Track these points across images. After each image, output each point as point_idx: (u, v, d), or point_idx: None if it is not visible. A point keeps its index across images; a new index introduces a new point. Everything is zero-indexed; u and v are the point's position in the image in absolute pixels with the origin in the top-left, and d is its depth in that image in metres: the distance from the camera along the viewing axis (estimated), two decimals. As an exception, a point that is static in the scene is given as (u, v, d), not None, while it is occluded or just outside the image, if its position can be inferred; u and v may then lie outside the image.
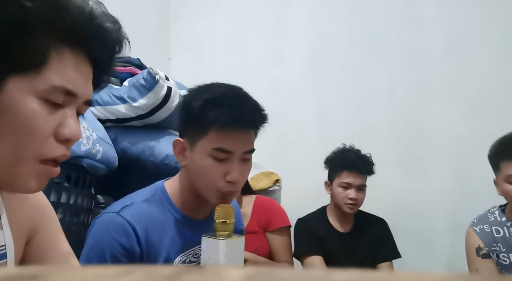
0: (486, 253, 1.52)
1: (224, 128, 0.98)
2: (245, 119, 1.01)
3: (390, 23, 2.36)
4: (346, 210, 1.82)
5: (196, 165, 1.01)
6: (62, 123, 0.57)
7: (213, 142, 0.98)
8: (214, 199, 1.01)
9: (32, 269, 0.21)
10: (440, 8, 2.29)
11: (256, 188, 2.08)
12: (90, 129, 1.32)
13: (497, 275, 0.26)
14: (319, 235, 1.84)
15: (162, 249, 1.01)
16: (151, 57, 2.16)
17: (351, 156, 1.84)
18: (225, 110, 0.99)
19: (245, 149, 1.02)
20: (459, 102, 2.22)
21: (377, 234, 1.88)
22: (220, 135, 0.98)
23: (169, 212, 1.04)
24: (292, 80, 2.50)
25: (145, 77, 1.47)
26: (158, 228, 1.01)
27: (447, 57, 2.26)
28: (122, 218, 0.97)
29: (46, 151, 0.56)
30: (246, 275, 0.20)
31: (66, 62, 0.56)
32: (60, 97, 0.56)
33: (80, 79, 0.58)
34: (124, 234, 0.96)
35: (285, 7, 2.57)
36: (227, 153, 0.99)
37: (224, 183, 0.99)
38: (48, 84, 0.54)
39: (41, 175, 0.57)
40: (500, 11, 2.20)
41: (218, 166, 0.99)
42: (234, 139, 0.99)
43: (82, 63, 0.59)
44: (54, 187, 1.23)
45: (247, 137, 1.02)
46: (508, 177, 1.43)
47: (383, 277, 0.20)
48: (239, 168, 1.00)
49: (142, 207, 1.02)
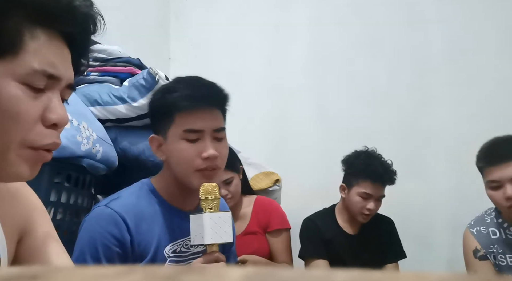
0: (483, 255, 1.52)
1: (186, 108, 1.02)
2: (204, 97, 1.05)
3: (391, 24, 2.36)
4: (360, 220, 1.76)
5: (172, 152, 1.04)
6: (48, 108, 0.56)
7: (181, 125, 1.03)
8: (196, 180, 1.03)
9: (32, 269, 0.21)
10: (440, 8, 2.29)
11: (256, 188, 2.08)
12: (90, 129, 1.32)
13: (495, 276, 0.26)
14: (326, 236, 1.78)
15: (153, 237, 1.03)
16: (151, 57, 2.16)
17: (377, 167, 1.72)
18: (183, 91, 1.04)
19: (213, 126, 1.05)
20: (459, 103, 2.22)
21: (384, 235, 1.85)
22: (185, 117, 1.03)
23: (156, 204, 1.07)
24: (293, 81, 2.50)
25: (145, 77, 1.47)
26: (147, 218, 1.04)
27: (447, 58, 2.26)
28: (111, 209, 1.00)
29: (35, 138, 0.55)
30: (245, 275, 0.20)
31: (42, 43, 0.55)
32: (42, 80, 0.54)
33: (59, 61, 0.57)
34: (113, 224, 0.99)
35: (286, 8, 2.57)
36: (197, 133, 1.03)
37: (201, 161, 1.02)
38: (27, 67, 0.53)
39: (32, 161, 0.56)
40: (500, 11, 2.20)
41: (192, 147, 1.02)
42: (199, 118, 1.03)
43: (58, 44, 0.57)
44: (54, 187, 1.23)
45: (212, 115, 1.06)
46: (489, 182, 1.45)
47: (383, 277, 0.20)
48: (212, 144, 1.03)
49: (130, 199, 1.05)
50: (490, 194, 1.45)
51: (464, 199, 2.10)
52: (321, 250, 1.77)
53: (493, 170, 1.43)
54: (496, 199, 1.44)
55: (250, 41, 2.61)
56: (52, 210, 1.22)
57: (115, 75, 1.60)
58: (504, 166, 1.41)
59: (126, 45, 1.78)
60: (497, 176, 1.42)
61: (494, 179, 1.43)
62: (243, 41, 2.62)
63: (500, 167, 1.41)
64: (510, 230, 1.51)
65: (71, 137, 1.20)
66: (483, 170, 1.47)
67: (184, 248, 1.08)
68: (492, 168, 1.43)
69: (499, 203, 1.44)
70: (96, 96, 1.51)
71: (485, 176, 1.46)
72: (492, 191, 1.44)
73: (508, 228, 1.52)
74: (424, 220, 2.20)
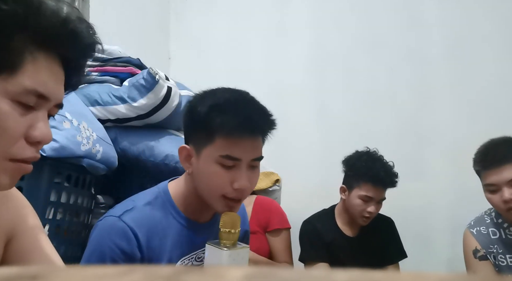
0: (483, 255, 1.52)
1: (231, 135, 0.95)
2: (252, 126, 0.98)
3: (391, 24, 2.36)
4: (360, 222, 1.74)
5: (203, 172, 0.98)
6: (33, 126, 0.58)
7: (220, 150, 0.95)
8: (220, 207, 0.98)
9: (32, 269, 0.21)
10: (440, 8, 2.29)
11: (256, 188, 2.08)
12: (90, 129, 1.32)
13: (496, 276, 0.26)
14: (326, 239, 1.77)
15: (164, 253, 0.99)
16: (151, 57, 2.16)
17: (379, 170, 1.69)
18: (232, 116, 0.96)
19: (253, 156, 0.99)
20: (459, 103, 2.22)
21: (385, 236, 1.83)
22: (227, 142, 0.95)
23: (171, 216, 1.02)
24: (293, 81, 2.50)
25: (145, 77, 1.47)
26: (160, 232, 1.00)
27: (447, 58, 2.26)
28: (123, 223, 0.96)
29: (16, 151, 0.57)
30: (246, 275, 0.20)
31: (40, 66, 0.57)
32: (32, 99, 0.57)
33: (52, 83, 0.59)
34: (124, 239, 0.95)
35: (286, 8, 2.57)
36: (235, 161, 0.96)
37: (231, 189, 0.97)
38: (20, 86, 0.55)
39: (12, 172, 0.58)
40: (501, 11, 2.20)
41: (225, 174, 0.96)
42: (241, 146, 0.96)
43: (55, 66, 0.60)
44: (54, 187, 1.23)
45: (254, 144, 0.99)
46: (486, 186, 1.45)
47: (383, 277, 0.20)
48: (246, 175, 0.97)
49: (144, 211, 1.00)
50: (488, 197, 1.45)
51: (464, 199, 2.10)
52: (321, 253, 1.75)
53: (490, 174, 1.43)
54: (494, 202, 1.44)
55: (250, 41, 2.61)
56: (52, 210, 1.23)
57: (115, 75, 1.60)
58: (500, 170, 1.40)
59: (126, 45, 1.78)
60: (494, 179, 1.42)
61: (491, 183, 1.43)
62: (243, 41, 2.62)
63: (496, 171, 1.41)
64: (510, 230, 1.52)
65: (71, 137, 1.20)
66: (480, 173, 1.48)
67: (196, 261, 1.05)
68: (489, 172, 1.43)
69: (498, 206, 1.44)
70: (96, 96, 1.51)
71: (483, 179, 1.47)
72: (490, 194, 1.44)
73: (508, 228, 1.52)
74: (424, 220, 2.20)
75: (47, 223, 1.21)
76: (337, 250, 1.77)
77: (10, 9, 0.53)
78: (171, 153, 1.50)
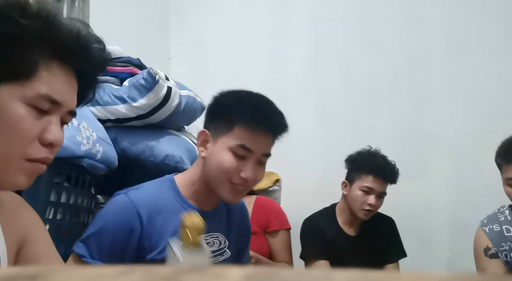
0: (494, 253, 1.52)
1: (250, 126, 1.04)
2: (270, 123, 1.08)
3: (391, 24, 2.36)
4: (361, 216, 1.75)
5: (216, 157, 1.06)
6: (47, 129, 0.63)
7: (237, 138, 1.04)
8: (225, 191, 1.06)
9: (32, 269, 0.21)
10: (440, 8, 2.29)
11: (256, 188, 2.08)
12: (90, 129, 1.32)
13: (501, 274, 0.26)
14: (327, 237, 1.78)
15: (165, 233, 1.04)
16: (151, 57, 2.16)
17: (379, 161, 1.75)
18: (254, 110, 1.07)
19: (264, 151, 1.08)
20: (459, 102, 2.22)
21: (385, 236, 1.84)
22: (245, 133, 1.04)
23: (175, 201, 1.09)
24: (293, 80, 2.50)
25: (145, 77, 1.47)
26: (162, 213, 1.06)
27: (447, 57, 2.26)
28: (128, 199, 1.04)
29: (32, 152, 0.62)
30: (246, 275, 0.20)
31: (54, 74, 0.63)
32: (46, 104, 0.63)
33: (65, 90, 0.65)
34: (126, 213, 1.02)
35: (285, 7, 2.57)
36: (247, 151, 1.04)
37: (238, 177, 1.04)
38: (35, 92, 0.61)
39: (29, 172, 0.63)
40: (500, 11, 2.20)
41: (236, 162, 1.04)
42: (257, 139, 1.05)
43: (68, 76, 0.66)
44: (54, 187, 1.23)
45: (268, 140, 1.09)
46: (507, 179, 1.45)
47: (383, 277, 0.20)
48: (254, 168, 1.06)
49: (149, 192, 1.08)
50: (508, 191, 1.45)
51: (464, 199, 2.10)
52: (322, 251, 1.76)
53: (511, 168, 1.43)
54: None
55: (250, 41, 2.61)
56: (52, 210, 1.22)
57: (115, 75, 1.60)
58: None
59: (126, 45, 1.78)
60: None
61: (511, 177, 1.43)
62: (243, 41, 2.62)
63: None
64: None
65: (71, 137, 1.20)
66: (502, 167, 1.47)
67: None
68: (510, 166, 1.43)
69: None
70: (96, 96, 1.50)
71: (504, 173, 1.46)
72: (510, 188, 1.44)
73: None
74: (424, 220, 2.20)
75: (47, 223, 1.21)
76: (337, 249, 1.78)
77: (29, 24, 0.60)
78: (171, 153, 1.50)
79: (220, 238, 1.16)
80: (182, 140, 1.57)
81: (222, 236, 1.17)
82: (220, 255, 1.16)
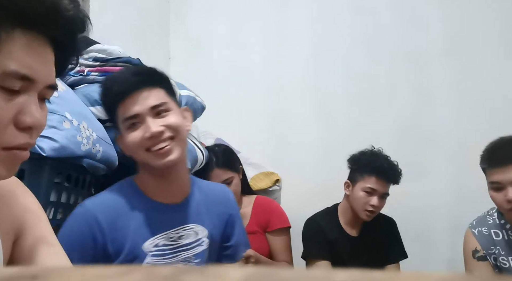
0: (482, 256, 1.52)
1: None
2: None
3: (391, 24, 2.36)
4: (363, 216, 1.75)
5: (125, 141, 1.10)
6: (22, 110, 0.54)
7: (122, 113, 1.09)
8: (151, 159, 1.06)
9: (32, 269, 0.21)
10: (440, 8, 2.29)
11: (256, 188, 2.08)
12: (90, 129, 1.32)
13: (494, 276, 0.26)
14: (329, 238, 1.78)
15: (128, 234, 1.04)
16: (151, 57, 2.15)
17: (383, 163, 1.75)
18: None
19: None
20: (459, 102, 2.22)
21: (386, 236, 1.84)
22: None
23: (136, 199, 1.09)
24: (292, 80, 2.49)
25: (145, 77, 1.47)
26: (123, 214, 1.06)
27: (447, 57, 2.26)
28: (85, 208, 1.04)
29: (7, 139, 0.54)
30: (245, 275, 0.20)
31: (18, 45, 0.53)
32: (16, 83, 0.53)
33: (36, 63, 0.55)
34: (84, 223, 1.02)
35: (285, 7, 2.57)
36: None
37: (146, 141, 1.06)
38: (0, 69, 0.51)
39: (8, 161, 0.55)
40: (500, 11, 2.20)
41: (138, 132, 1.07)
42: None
43: (38, 45, 0.55)
44: (54, 187, 1.23)
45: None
46: (491, 183, 1.45)
47: (383, 277, 0.20)
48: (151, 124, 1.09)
49: (107, 196, 1.08)
50: (492, 195, 1.45)
51: (464, 199, 2.10)
52: (323, 251, 1.76)
53: (496, 172, 1.42)
54: (497, 200, 1.44)
55: (250, 41, 2.61)
56: (52, 210, 1.22)
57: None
58: (507, 169, 1.40)
59: (126, 45, 1.78)
60: (499, 178, 1.41)
61: (496, 181, 1.42)
62: (243, 41, 2.62)
63: (502, 169, 1.40)
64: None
65: (71, 137, 1.20)
66: (486, 171, 1.47)
67: (169, 241, 1.09)
68: (495, 170, 1.42)
69: (501, 205, 1.44)
70: (96, 96, 1.50)
71: (488, 177, 1.46)
72: (494, 193, 1.44)
73: (510, 229, 1.51)
74: (424, 220, 2.20)
75: (47, 223, 1.21)
76: (339, 249, 1.78)
77: None
78: (171, 153, 1.50)
79: (195, 228, 1.14)
80: (182, 140, 1.57)
81: (198, 226, 1.15)
82: (198, 246, 1.15)
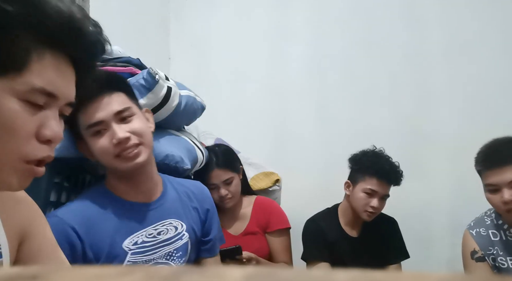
0: (480, 257, 1.52)
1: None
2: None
3: (391, 24, 2.36)
4: (364, 217, 1.74)
5: (92, 148, 1.08)
6: (44, 124, 0.58)
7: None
8: (119, 164, 1.06)
9: (32, 269, 0.21)
10: (440, 8, 2.29)
11: (256, 188, 2.08)
12: (90, 129, 1.32)
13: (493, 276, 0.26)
14: (329, 239, 1.77)
15: (106, 236, 1.05)
16: (151, 57, 2.16)
17: (384, 164, 1.73)
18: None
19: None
20: (459, 102, 2.22)
21: (387, 236, 1.83)
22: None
23: (108, 202, 1.10)
24: (292, 80, 2.50)
25: (145, 77, 1.47)
26: (98, 218, 1.07)
27: (447, 57, 2.26)
28: (57, 217, 1.03)
29: (29, 151, 0.57)
30: (246, 275, 0.20)
31: (47, 64, 0.57)
32: (41, 98, 0.57)
33: (61, 81, 0.59)
34: (60, 232, 0.99)
35: (285, 8, 2.57)
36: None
37: (114, 147, 1.05)
38: (28, 85, 0.55)
39: (24, 174, 0.58)
40: (500, 11, 2.20)
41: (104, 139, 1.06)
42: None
43: (63, 65, 0.60)
44: (54, 187, 1.23)
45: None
46: (487, 186, 1.44)
47: (383, 277, 0.20)
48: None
49: (78, 203, 1.09)
50: (488, 197, 1.45)
51: (464, 199, 2.10)
52: (324, 253, 1.75)
53: (491, 174, 1.42)
54: (494, 202, 1.44)
55: (250, 41, 2.61)
56: (52, 210, 1.22)
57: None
58: (502, 171, 1.39)
59: (126, 45, 1.78)
60: (494, 180, 1.41)
61: (491, 183, 1.42)
62: (243, 41, 2.62)
63: (497, 171, 1.40)
64: (511, 232, 1.51)
65: (71, 137, 1.20)
66: (481, 173, 1.47)
67: (148, 237, 1.11)
68: (490, 172, 1.42)
69: (497, 207, 1.44)
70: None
71: (483, 179, 1.46)
72: (490, 195, 1.44)
73: (508, 230, 1.51)
74: (424, 220, 2.20)
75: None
76: (339, 250, 1.77)
77: (14, 10, 0.53)
78: (171, 153, 1.50)
79: (174, 223, 1.17)
80: (182, 140, 1.57)
81: (176, 221, 1.18)
82: (179, 240, 1.18)
